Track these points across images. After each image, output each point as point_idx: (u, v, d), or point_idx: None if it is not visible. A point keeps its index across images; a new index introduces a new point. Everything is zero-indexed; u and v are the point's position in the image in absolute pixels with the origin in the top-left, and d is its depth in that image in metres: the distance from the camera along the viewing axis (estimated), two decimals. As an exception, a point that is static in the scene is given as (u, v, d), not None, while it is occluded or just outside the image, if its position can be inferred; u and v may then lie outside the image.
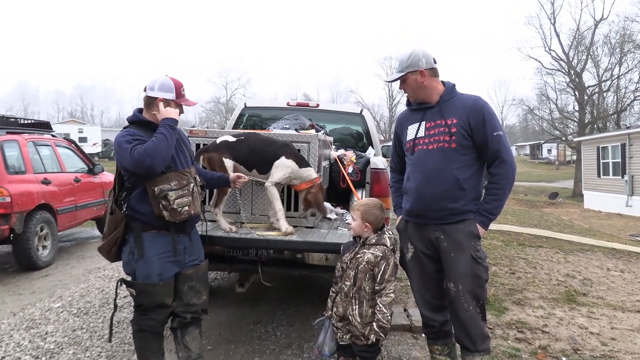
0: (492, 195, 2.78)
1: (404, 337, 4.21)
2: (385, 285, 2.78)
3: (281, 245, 3.54)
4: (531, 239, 9.64)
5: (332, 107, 6.49)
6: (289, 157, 3.61)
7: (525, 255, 7.92)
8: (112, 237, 2.90)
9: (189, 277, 3.02)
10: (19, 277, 6.14)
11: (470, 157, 2.77)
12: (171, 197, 2.77)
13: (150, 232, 2.85)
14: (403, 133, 2.97)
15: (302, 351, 3.85)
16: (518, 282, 6.14)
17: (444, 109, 2.79)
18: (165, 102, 2.89)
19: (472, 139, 2.74)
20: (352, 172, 4.51)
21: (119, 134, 2.86)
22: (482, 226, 2.78)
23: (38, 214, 6.44)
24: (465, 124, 2.72)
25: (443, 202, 2.73)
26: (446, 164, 2.73)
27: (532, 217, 14.49)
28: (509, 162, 2.76)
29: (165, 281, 2.89)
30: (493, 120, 2.75)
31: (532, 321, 4.70)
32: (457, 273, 2.74)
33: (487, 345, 2.83)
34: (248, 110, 6.13)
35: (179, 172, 2.88)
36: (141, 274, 2.87)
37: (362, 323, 2.82)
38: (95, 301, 5.07)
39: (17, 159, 6.55)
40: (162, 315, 2.94)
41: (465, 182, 2.73)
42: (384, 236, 2.89)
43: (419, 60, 2.79)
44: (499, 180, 2.76)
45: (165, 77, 2.95)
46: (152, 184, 2.78)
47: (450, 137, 2.73)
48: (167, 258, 2.88)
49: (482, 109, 2.76)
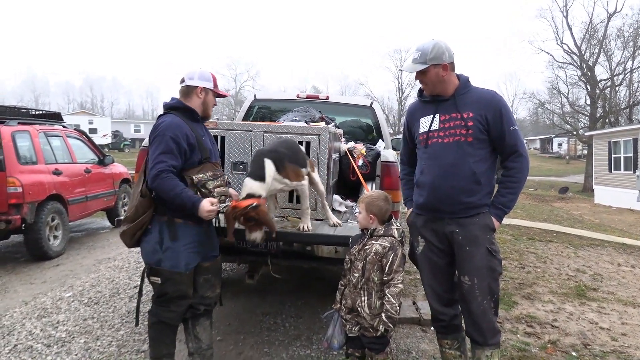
0: (508, 189, 2.78)
1: (413, 330, 4.21)
2: (394, 276, 2.79)
3: (291, 237, 3.53)
4: (541, 233, 9.58)
5: (342, 100, 6.46)
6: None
7: (535, 249, 7.87)
8: (139, 221, 2.88)
9: (206, 269, 3.05)
10: (30, 266, 6.21)
11: (485, 151, 2.75)
12: (210, 186, 2.86)
13: (178, 222, 2.87)
14: (415, 125, 2.94)
15: (310, 342, 3.86)
16: (528, 276, 6.11)
17: (460, 103, 2.76)
18: (205, 91, 3.03)
19: (487, 133, 2.72)
20: (362, 164, 4.49)
21: (167, 123, 2.84)
22: (497, 219, 2.77)
23: (49, 204, 6.50)
24: (482, 118, 2.70)
25: (459, 197, 2.71)
26: (463, 157, 2.71)
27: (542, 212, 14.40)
28: (524, 157, 2.77)
29: (190, 271, 2.93)
30: (509, 115, 2.75)
31: (541, 315, 4.68)
32: (472, 266, 2.73)
33: (497, 339, 2.83)
34: (258, 102, 6.13)
35: (213, 163, 2.99)
36: (168, 263, 2.87)
37: (371, 314, 2.82)
38: (105, 291, 5.11)
39: (29, 150, 6.59)
40: (182, 307, 2.96)
41: (481, 176, 2.72)
42: (391, 227, 2.90)
43: (442, 53, 2.72)
44: (515, 174, 2.77)
45: (203, 69, 3.10)
46: (190, 172, 2.86)
47: (467, 130, 2.71)
48: (193, 248, 2.92)
49: (498, 103, 2.75)
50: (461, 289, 2.80)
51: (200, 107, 3.05)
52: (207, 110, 3.11)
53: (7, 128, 6.34)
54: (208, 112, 3.13)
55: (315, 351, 3.71)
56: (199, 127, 3.02)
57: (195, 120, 3.02)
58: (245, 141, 3.86)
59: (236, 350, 3.71)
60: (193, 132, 2.91)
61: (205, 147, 2.95)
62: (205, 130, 3.12)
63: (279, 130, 3.89)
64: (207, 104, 3.08)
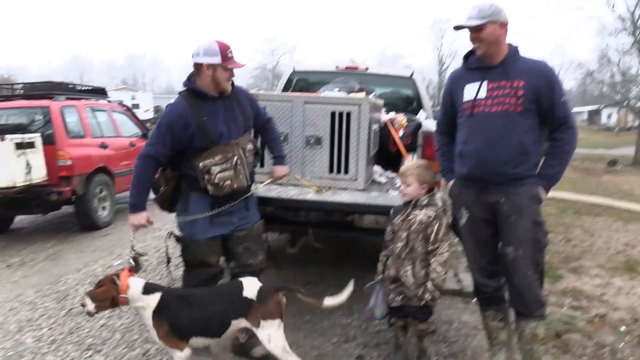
0: (556, 160, 2.69)
1: (455, 301, 4.19)
2: (439, 245, 2.77)
3: (332, 206, 3.54)
4: (588, 207, 9.27)
5: (382, 71, 6.35)
6: None
7: (581, 223, 7.64)
8: (163, 193, 3.03)
9: (242, 238, 3.08)
10: (81, 236, 6.48)
11: (534, 122, 2.65)
12: (214, 172, 2.82)
13: (195, 194, 2.94)
14: (458, 93, 2.83)
15: (351, 311, 3.89)
16: (574, 250, 5.94)
17: (510, 70, 2.65)
18: (212, 67, 2.84)
19: (537, 104, 2.63)
20: (403, 135, 4.43)
21: (168, 109, 2.94)
22: (544, 190, 2.69)
23: (97, 176, 6.74)
24: (534, 87, 2.60)
25: (506, 167, 2.63)
26: (511, 127, 2.62)
27: (590, 185, 13.90)
28: (574, 128, 2.68)
29: (207, 240, 2.97)
30: (560, 86, 2.65)
31: (588, 290, 4.56)
32: (517, 237, 2.66)
33: (542, 311, 2.77)
34: (296, 75, 6.09)
35: (224, 145, 2.88)
36: (186, 232, 3.00)
37: (415, 284, 2.82)
38: (152, 259, 5.29)
39: (77, 124, 6.82)
40: (205, 275, 3.02)
41: (529, 147, 2.63)
42: (435, 197, 2.87)
43: (500, 11, 2.63)
44: (564, 145, 2.67)
45: (211, 42, 2.87)
46: (197, 159, 2.84)
47: (516, 99, 2.61)
48: (210, 219, 2.96)
49: (550, 74, 2.65)
50: (505, 261, 2.74)
51: (210, 84, 2.87)
52: (220, 85, 2.88)
53: (56, 103, 6.56)
54: (222, 87, 2.89)
55: (357, 320, 3.75)
56: (211, 106, 2.90)
57: (206, 99, 2.90)
58: (285, 112, 3.86)
59: (278, 318, 3.78)
60: (197, 116, 2.81)
61: (209, 132, 2.83)
62: (229, 105, 2.96)
63: (319, 100, 3.87)
64: (217, 80, 2.86)
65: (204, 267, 3.02)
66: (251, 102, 3.16)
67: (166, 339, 2.61)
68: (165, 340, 2.62)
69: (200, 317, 2.63)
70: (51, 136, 6.21)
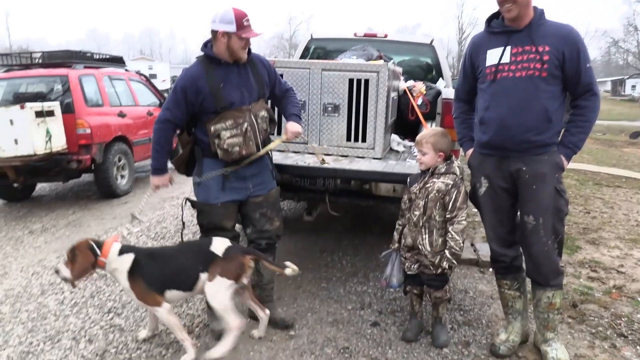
0: (578, 128, 2.63)
1: (471, 271, 4.19)
2: (457, 213, 2.76)
3: (349, 174, 3.53)
4: (609, 178, 9.12)
5: (401, 38, 6.23)
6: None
7: (601, 195, 7.52)
8: (180, 156, 3.10)
9: (259, 204, 3.10)
10: (100, 203, 6.59)
11: (558, 88, 2.59)
12: (224, 137, 2.84)
13: (208, 158, 2.98)
14: (480, 58, 2.75)
15: (367, 279, 3.92)
16: (593, 221, 5.87)
17: (535, 35, 2.56)
18: (227, 35, 2.82)
19: (562, 70, 2.55)
20: (422, 103, 4.37)
21: (183, 73, 2.95)
22: (566, 158, 2.64)
23: (116, 145, 6.79)
24: (559, 52, 2.52)
25: (528, 135, 2.57)
26: (535, 93, 2.55)
27: (611, 157, 13.65)
28: (598, 96, 2.62)
29: (221, 204, 3.00)
30: (586, 52, 2.57)
31: (606, 261, 4.52)
32: (537, 206, 2.63)
33: (559, 281, 2.76)
34: (314, 42, 6.01)
35: (235, 111, 2.89)
36: (200, 196, 3.05)
37: (432, 252, 2.82)
38: (170, 227, 5.37)
39: (95, 93, 6.84)
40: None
41: (553, 114, 2.57)
42: (453, 165, 2.84)
43: None
44: (587, 112, 2.61)
45: (228, 9, 2.84)
46: (209, 123, 2.87)
47: (541, 65, 2.53)
48: (224, 184, 2.99)
49: (576, 39, 2.56)
50: (524, 230, 2.71)
51: (225, 52, 2.85)
52: (235, 54, 2.86)
53: (75, 72, 6.58)
54: (237, 56, 2.87)
55: (372, 288, 3.78)
56: (225, 71, 2.90)
57: (221, 64, 2.89)
58: (303, 79, 3.82)
59: (295, 284, 3.84)
60: (210, 81, 2.84)
61: (221, 97, 2.84)
62: (243, 71, 2.95)
63: (337, 67, 3.81)
64: (232, 48, 2.83)
65: (219, 231, 3.06)
66: (269, 70, 3.13)
67: (143, 297, 2.74)
68: (143, 299, 2.75)
69: (171, 270, 2.77)
70: (70, 105, 6.25)
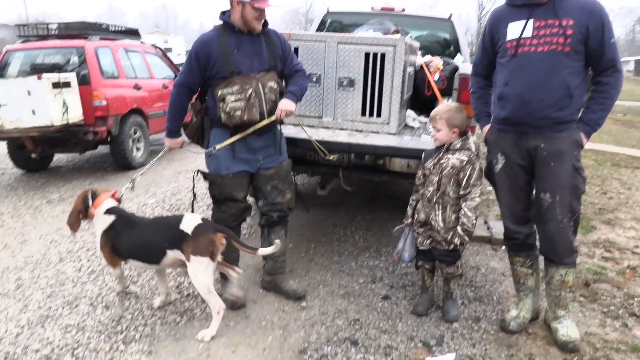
0: (599, 105, 2.57)
1: (483, 248, 4.18)
2: (471, 190, 2.75)
3: (364, 149, 3.52)
4: (628, 159, 8.96)
5: (419, 13, 6.13)
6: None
7: (619, 176, 7.41)
8: (192, 125, 3.14)
9: (270, 177, 3.12)
10: (116, 174, 6.67)
11: (580, 64, 2.53)
12: (228, 100, 2.88)
13: (217, 129, 3.02)
14: (500, 32, 2.68)
15: (379, 254, 3.94)
16: (609, 202, 5.80)
17: (559, 8, 2.49)
18: (241, 3, 2.86)
19: (585, 45, 2.49)
20: (439, 79, 4.31)
21: (198, 39, 3.00)
22: (586, 136, 2.59)
23: (131, 117, 6.82)
24: (583, 27, 2.45)
25: (548, 111, 2.53)
26: (557, 69, 2.49)
27: (631, 138, 13.39)
28: (621, 72, 2.56)
29: (232, 175, 3.03)
30: (610, 27, 2.51)
31: (621, 241, 4.47)
32: (555, 183, 2.60)
33: (573, 259, 2.74)
34: (330, 16, 5.94)
35: (244, 77, 2.90)
36: (211, 167, 3.10)
37: (445, 228, 2.82)
38: (184, 199, 5.43)
39: (111, 65, 6.85)
40: (233, 209, 3.09)
41: (574, 89, 2.51)
42: (468, 141, 2.81)
43: None
44: (609, 89, 2.55)
45: None
46: (217, 87, 2.91)
47: (564, 39, 2.46)
48: (234, 155, 3.02)
49: (601, 13, 2.48)
50: (540, 207, 2.69)
51: (239, 20, 2.91)
52: (248, 23, 2.90)
53: (91, 43, 6.59)
54: (250, 25, 2.91)
55: (384, 262, 3.80)
56: (238, 38, 2.93)
57: (235, 32, 2.94)
58: (318, 53, 3.78)
59: (307, 257, 3.87)
60: (221, 47, 2.88)
61: (230, 62, 2.87)
62: (257, 40, 2.98)
63: (353, 41, 3.77)
64: (245, 17, 2.88)
65: (231, 202, 3.09)
66: (284, 46, 3.13)
67: (105, 254, 2.95)
68: (104, 255, 2.96)
69: (139, 243, 2.88)
70: (86, 76, 6.28)
